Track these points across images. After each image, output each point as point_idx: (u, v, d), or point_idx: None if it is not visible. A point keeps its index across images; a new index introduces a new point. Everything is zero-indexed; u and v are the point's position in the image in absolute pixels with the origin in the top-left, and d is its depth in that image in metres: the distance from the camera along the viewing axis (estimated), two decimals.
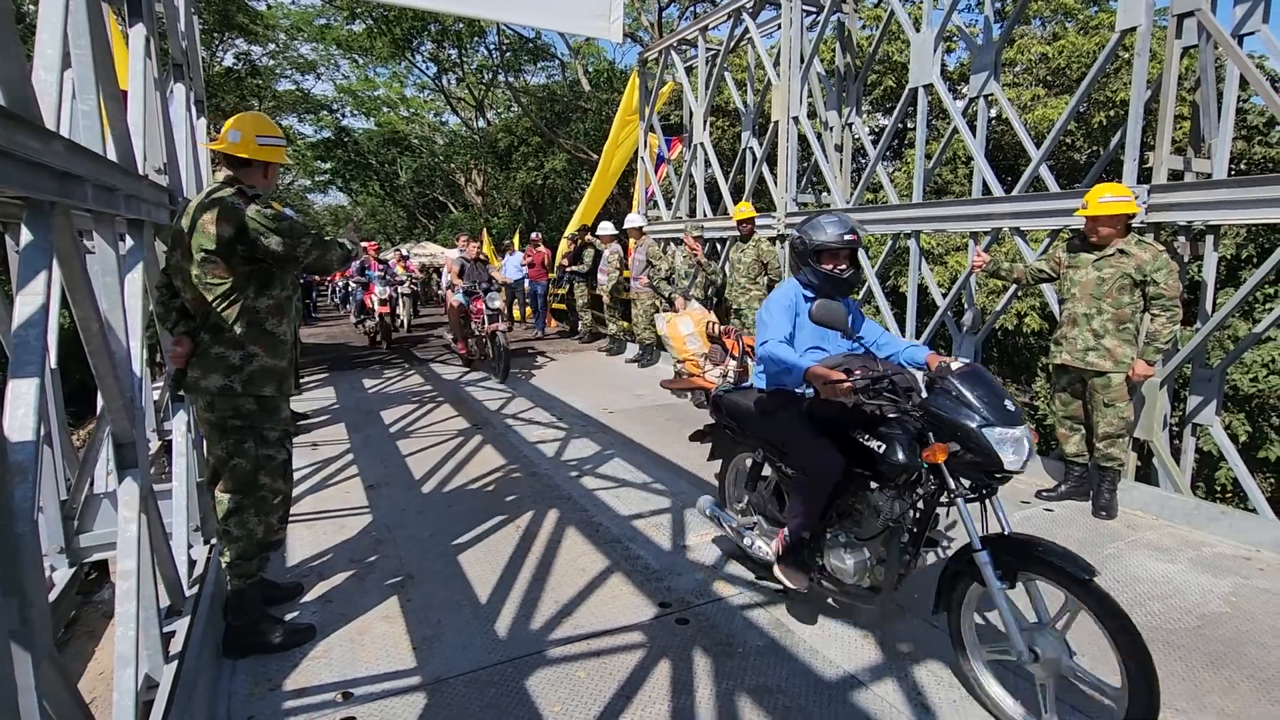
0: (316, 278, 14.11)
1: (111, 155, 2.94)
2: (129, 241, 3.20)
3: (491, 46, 20.33)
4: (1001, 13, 11.75)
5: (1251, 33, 4.20)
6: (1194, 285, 4.46)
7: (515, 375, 8.15)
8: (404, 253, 15.89)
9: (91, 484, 4.01)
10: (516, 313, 12.61)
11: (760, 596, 2.99)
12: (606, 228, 9.58)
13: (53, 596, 3.45)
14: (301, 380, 7.55)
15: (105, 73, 2.90)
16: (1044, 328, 9.86)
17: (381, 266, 11.31)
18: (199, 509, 3.51)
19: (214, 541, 3.23)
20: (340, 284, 15.78)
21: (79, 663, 3.35)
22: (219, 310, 2.47)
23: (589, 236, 10.37)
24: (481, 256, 8.85)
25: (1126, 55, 9.59)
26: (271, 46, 20.77)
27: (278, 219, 2.48)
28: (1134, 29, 4.27)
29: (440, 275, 14.58)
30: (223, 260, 2.43)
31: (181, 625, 2.71)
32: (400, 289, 11.94)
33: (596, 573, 3.22)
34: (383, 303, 10.44)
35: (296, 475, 4.51)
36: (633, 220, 8.95)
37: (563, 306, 12.47)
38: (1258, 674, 2.48)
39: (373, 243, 11.89)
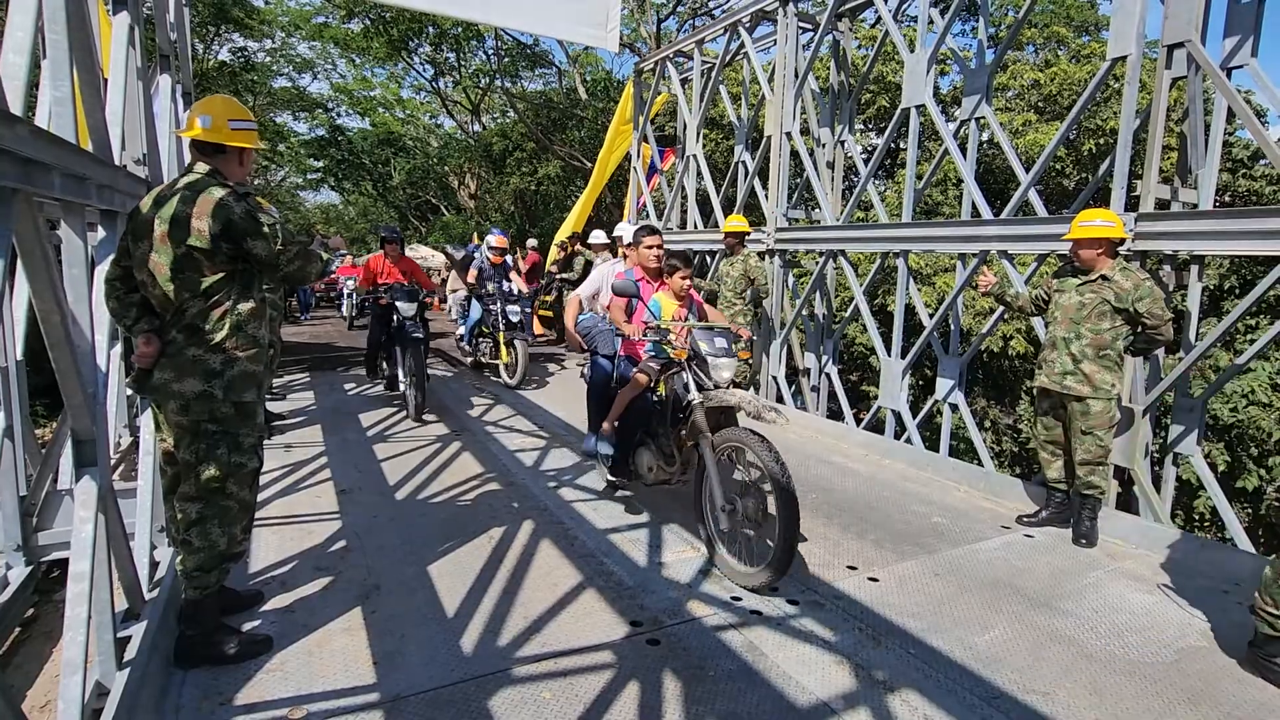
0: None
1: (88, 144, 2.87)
2: (101, 232, 3.12)
3: (489, 51, 20.33)
4: (995, 38, 11.89)
5: (1240, 66, 4.23)
6: (1178, 315, 4.47)
7: (499, 382, 8.07)
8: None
9: (55, 480, 3.90)
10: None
11: (734, 618, 2.93)
12: (599, 236, 9.53)
13: (6, 596, 3.34)
14: (274, 382, 7.33)
15: (83, 59, 2.82)
16: (1029, 350, 9.89)
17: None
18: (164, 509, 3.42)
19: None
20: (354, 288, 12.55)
21: (34, 664, 3.23)
22: (197, 310, 2.36)
23: (579, 245, 10.31)
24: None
25: (1116, 85, 9.71)
26: (268, 43, 20.66)
27: (267, 222, 2.41)
28: (1124, 58, 4.29)
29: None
30: (208, 259, 2.33)
31: (139, 630, 2.62)
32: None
33: (569, 588, 3.15)
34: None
35: (267, 478, 4.42)
36: (621, 230, 8.89)
37: (550, 313, 12.40)
38: (1234, 712, 2.45)
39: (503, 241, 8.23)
